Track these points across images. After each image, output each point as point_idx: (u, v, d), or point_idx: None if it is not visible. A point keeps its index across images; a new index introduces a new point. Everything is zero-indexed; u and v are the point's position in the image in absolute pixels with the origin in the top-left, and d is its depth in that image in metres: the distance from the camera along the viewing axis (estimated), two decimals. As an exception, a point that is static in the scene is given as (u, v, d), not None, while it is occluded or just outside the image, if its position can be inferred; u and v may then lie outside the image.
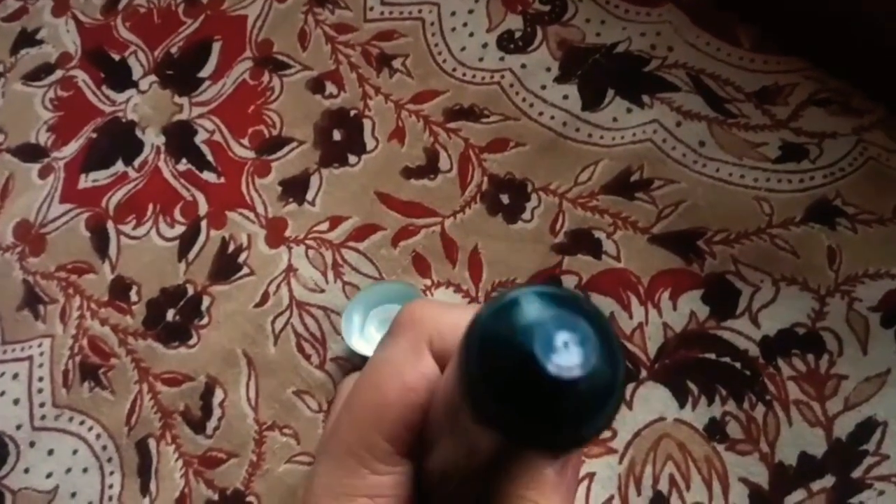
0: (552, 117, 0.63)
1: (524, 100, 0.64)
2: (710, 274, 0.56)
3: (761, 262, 0.56)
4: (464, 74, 0.66)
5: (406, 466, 0.25)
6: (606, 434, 0.53)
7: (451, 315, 0.26)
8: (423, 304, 0.28)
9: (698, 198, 0.58)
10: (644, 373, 0.55)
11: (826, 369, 0.52)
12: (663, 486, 0.52)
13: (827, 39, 0.59)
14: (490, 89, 0.65)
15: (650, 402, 0.54)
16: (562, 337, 0.15)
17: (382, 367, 0.26)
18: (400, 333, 0.27)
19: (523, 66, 0.65)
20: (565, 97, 0.63)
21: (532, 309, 0.15)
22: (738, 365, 0.54)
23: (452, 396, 0.20)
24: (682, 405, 0.53)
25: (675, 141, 0.60)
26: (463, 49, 0.67)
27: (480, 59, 0.66)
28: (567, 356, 0.15)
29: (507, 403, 0.15)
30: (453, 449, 0.23)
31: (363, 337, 0.58)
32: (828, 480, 0.50)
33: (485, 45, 0.67)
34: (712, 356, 0.54)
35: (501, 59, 0.66)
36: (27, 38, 0.77)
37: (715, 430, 0.52)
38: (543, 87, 0.64)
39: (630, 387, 0.54)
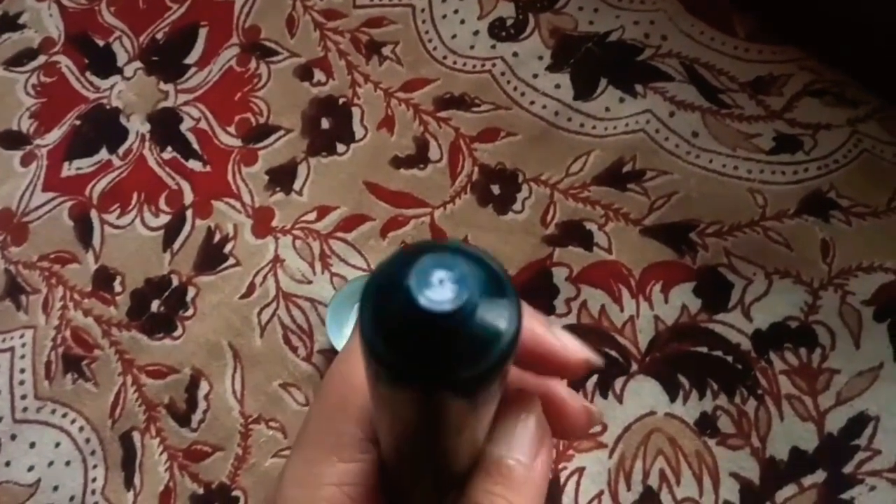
0: (544, 107, 0.62)
1: (516, 89, 0.63)
2: (702, 266, 0.56)
3: (754, 255, 0.55)
4: (454, 62, 0.65)
5: (374, 454, 0.25)
6: (596, 428, 0.53)
7: None
8: None
9: (691, 189, 0.58)
10: (635, 366, 0.54)
11: (818, 363, 0.52)
12: (653, 480, 0.51)
13: (822, 30, 0.58)
14: (481, 78, 0.64)
15: (641, 396, 0.53)
16: (438, 275, 0.16)
17: (349, 356, 0.26)
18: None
19: (515, 54, 0.64)
20: (557, 86, 0.62)
21: (414, 256, 0.16)
22: (729, 359, 0.53)
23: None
24: (672, 399, 0.53)
25: (668, 131, 0.59)
26: (454, 37, 0.66)
27: (471, 47, 0.65)
28: (440, 291, 0.16)
29: (393, 343, 0.16)
30: (386, 426, 0.23)
31: (349, 328, 0.57)
32: (819, 475, 0.50)
33: (476, 33, 0.66)
34: (704, 350, 0.54)
35: (493, 47, 0.65)
36: (9, 23, 0.76)
37: (706, 425, 0.52)
38: (535, 76, 0.63)
39: (620, 380, 0.54)
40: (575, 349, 0.25)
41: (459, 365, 0.16)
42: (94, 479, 0.58)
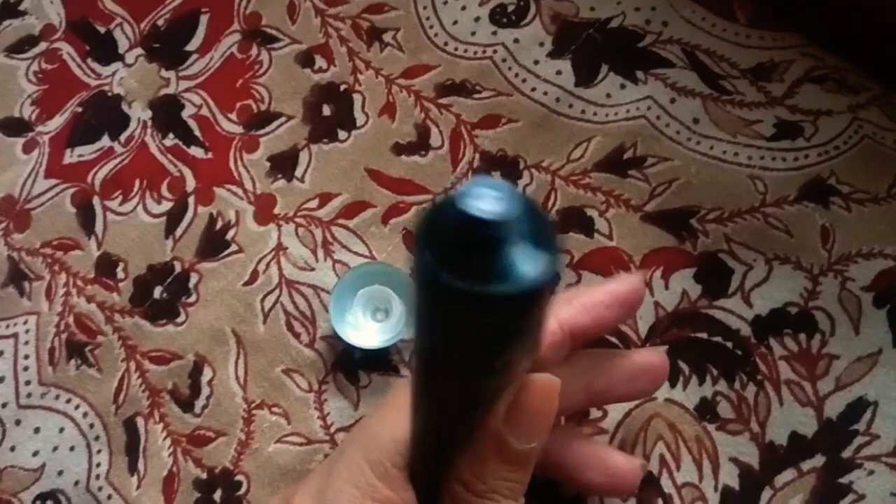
0: (545, 93, 0.62)
1: (517, 75, 0.63)
2: (702, 252, 0.56)
3: (754, 241, 0.55)
4: (456, 49, 0.65)
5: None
6: (597, 413, 0.53)
7: None
8: None
9: (692, 176, 0.58)
10: (635, 352, 0.54)
11: (818, 349, 0.52)
12: (653, 466, 0.52)
13: (824, 15, 0.58)
14: (482, 64, 0.64)
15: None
16: (487, 192, 0.17)
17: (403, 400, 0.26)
18: None
19: (516, 40, 0.64)
20: (558, 73, 0.62)
21: (466, 186, 0.17)
22: (729, 344, 0.53)
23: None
24: (672, 385, 0.53)
25: (668, 118, 0.59)
26: (455, 23, 0.66)
27: (473, 34, 0.65)
28: (490, 203, 0.16)
29: (450, 256, 0.17)
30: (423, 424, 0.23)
31: (352, 314, 0.57)
32: (818, 460, 0.50)
33: (477, 19, 0.66)
34: (704, 335, 0.54)
35: (494, 33, 0.65)
36: (9, 10, 0.76)
37: (706, 410, 0.52)
38: (536, 63, 0.63)
39: (621, 366, 0.54)
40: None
41: (517, 274, 0.17)
42: (98, 464, 0.59)
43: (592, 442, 0.29)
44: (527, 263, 0.17)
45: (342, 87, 0.66)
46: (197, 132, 0.67)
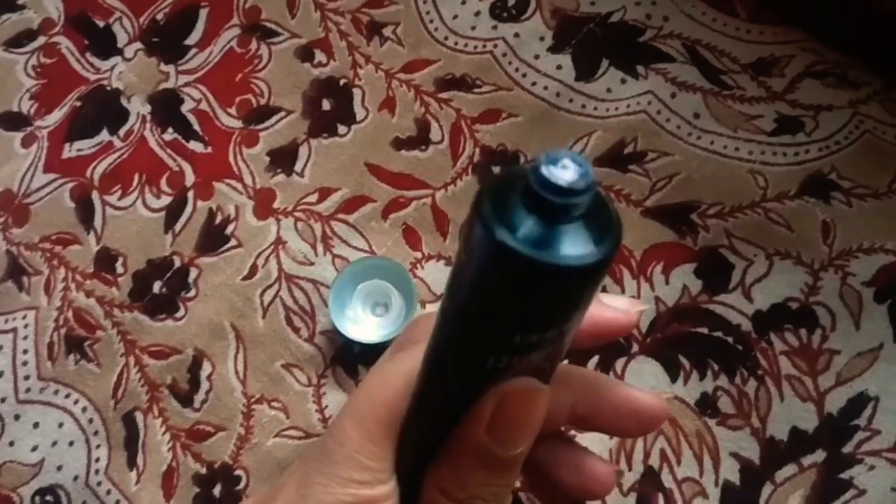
0: (545, 88, 0.62)
1: (517, 70, 0.63)
2: (703, 247, 0.56)
3: (755, 236, 0.55)
4: (456, 43, 0.65)
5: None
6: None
7: None
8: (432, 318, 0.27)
9: (692, 170, 0.58)
10: (636, 347, 0.54)
11: (818, 344, 0.52)
12: (654, 460, 0.52)
13: (824, 11, 0.58)
14: (483, 59, 0.64)
15: (642, 377, 0.53)
16: (569, 162, 0.17)
17: (392, 379, 0.25)
18: (410, 348, 0.26)
19: (516, 35, 0.64)
20: (559, 67, 0.62)
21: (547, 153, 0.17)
22: (730, 339, 0.53)
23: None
24: (673, 380, 0.53)
25: (669, 112, 0.59)
26: (455, 17, 0.66)
27: (473, 28, 0.65)
28: (571, 173, 0.17)
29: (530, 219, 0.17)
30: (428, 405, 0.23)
31: (351, 309, 0.57)
32: (819, 455, 0.50)
33: (477, 14, 0.65)
34: (704, 330, 0.54)
35: (494, 27, 0.65)
36: (8, 4, 0.76)
37: (706, 405, 0.52)
38: (537, 57, 0.63)
39: (621, 361, 0.54)
40: (629, 307, 0.26)
41: (577, 250, 0.17)
42: (97, 459, 0.59)
43: (569, 444, 0.28)
44: (588, 240, 0.17)
45: (342, 82, 0.66)
46: (196, 126, 0.67)
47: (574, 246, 0.17)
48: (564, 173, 0.17)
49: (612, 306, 0.26)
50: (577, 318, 0.20)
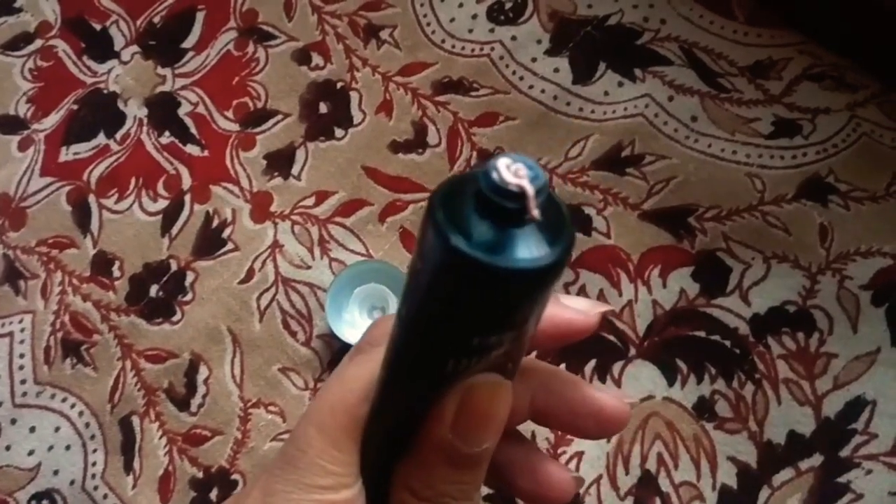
0: (542, 91, 0.62)
1: (514, 73, 0.63)
2: (700, 251, 0.56)
3: (752, 240, 0.55)
4: (453, 46, 0.65)
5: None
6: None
7: None
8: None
9: (690, 174, 0.57)
10: (633, 350, 0.54)
11: (816, 348, 0.52)
12: (651, 464, 0.52)
13: (823, 13, 0.58)
14: (480, 62, 0.64)
15: (639, 381, 0.53)
16: (516, 165, 0.17)
17: (353, 384, 0.25)
18: (371, 351, 0.26)
19: (513, 38, 0.64)
20: (556, 70, 0.62)
21: (495, 157, 0.17)
22: (727, 343, 0.53)
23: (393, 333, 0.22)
24: (670, 383, 0.53)
25: (666, 116, 0.59)
26: (452, 20, 0.66)
27: (470, 31, 0.65)
28: (519, 174, 0.17)
29: (480, 225, 0.17)
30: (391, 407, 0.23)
31: (348, 312, 0.57)
32: (816, 459, 0.50)
33: (474, 17, 0.65)
34: (702, 334, 0.54)
35: (491, 30, 0.65)
36: (5, 6, 0.75)
37: (704, 409, 0.52)
38: (534, 60, 0.63)
39: (618, 365, 0.54)
40: (589, 308, 0.25)
41: (530, 252, 0.17)
42: (94, 464, 0.59)
43: (526, 446, 0.28)
44: (541, 243, 0.17)
45: (339, 85, 0.65)
46: (193, 130, 0.67)
47: (528, 249, 0.17)
48: (515, 177, 0.17)
49: (572, 307, 0.26)
50: (535, 318, 0.20)
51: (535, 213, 0.17)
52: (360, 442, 0.25)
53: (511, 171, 0.17)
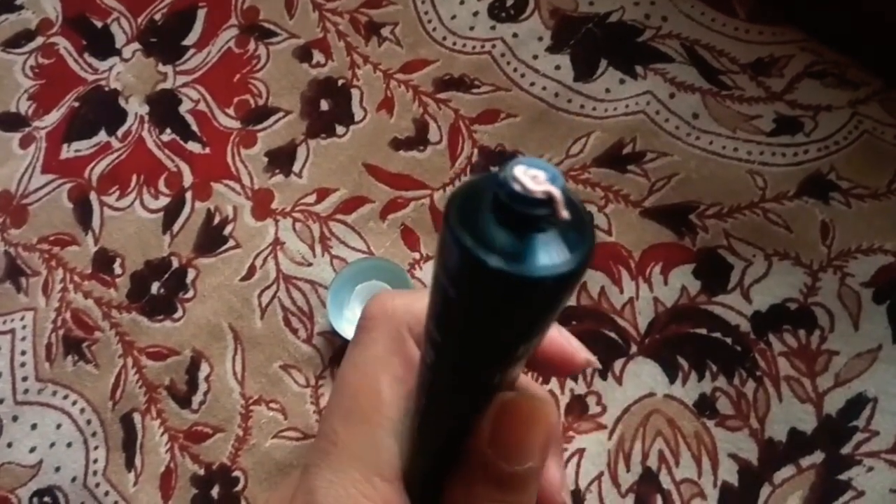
0: (544, 88, 0.62)
1: (515, 70, 0.63)
2: (701, 248, 0.55)
3: (754, 237, 0.55)
4: (454, 43, 0.65)
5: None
6: (595, 409, 0.53)
7: (423, 301, 0.26)
8: (393, 294, 0.26)
9: (691, 171, 0.57)
10: (634, 348, 0.54)
11: (817, 345, 0.52)
12: (652, 462, 0.52)
13: (824, 10, 0.58)
14: (481, 59, 0.64)
15: (640, 378, 0.53)
16: (534, 171, 0.16)
17: (367, 367, 0.25)
18: (374, 328, 0.26)
19: (515, 35, 0.64)
20: (557, 67, 0.62)
21: (512, 162, 0.17)
22: (728, 340, 0.53)
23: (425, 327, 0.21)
24: (672, 381, 0.53)
25: (668, 113, 0.59)
26: (453, 17, 0.65)
27: (471, 28, 0.65)
28: (537, 182, 0.16)
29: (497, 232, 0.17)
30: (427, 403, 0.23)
31: (349, 310, 0.57)
32: (817, 456, 0.50)
33: (476, 14, 0.65)
34: (703, 331, 0.54)
35: (493, 27, 0.65)
36: (6, 4, 0.75)
37: (705, 406, 0.52)
38: (535, 57, 0.63)
39: (620, 362, 0.54)
40: (581, 350, 0.25)
41: (544, 261, 0.17)
42: (95, 461, 0.59)
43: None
44: (569, 241, 0.17)
45: (340, 82, 0.65)
46: (194, 127, 0.67)
47: (561, 250, 0.17)
48: (538, 184, 0.16)
49: (571, 339, 0.26)
50: (529, 340, 0.20)
51: (565, 213, 0.17)
52: (406, 453, 0.25)
53: (531, 178, 0.16)
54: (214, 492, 0.56)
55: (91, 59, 0.72)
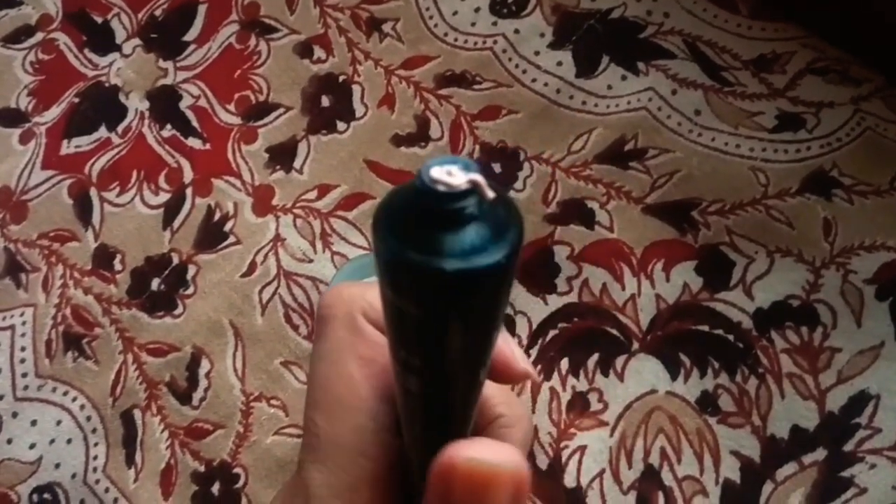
0: (545, 84, 0.61)
1: (517, 66, 0.62)
2: (703, 245, 0.55)
3: (756, 234, 0.55)
4: (456, 39, 0.64)
5: (393, 440, 0.25)
6: (598, 406, 0.53)
7: (375, 288, 0.26)
8: (346, 284, 0.27)
9: (693, 168, 0.57)
10: (636, 345, 0.54)
11: (819, 342, 0.52)
12: (654, 459, 0.51)
13: (826, 7, 0.58)
14: (482, 55, 0.63)
15: (642, 375, 0.53)
16: (447, 167, 0.16)
17: (332, 355, 0.26)
18: (331, 317, 0.26)
19: (516, 31, 0.64)
20: (559, 63, 0.62)
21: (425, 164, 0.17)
22: (731, 337, 0.53)
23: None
24: (674, 377, 0.53)
25: (670, 109, 0.59)
26: (455, 13, 0.65)
27: (473, 24, 0.65)
28: (446, 176, 0.16)
29: (408, 236, 0.17)
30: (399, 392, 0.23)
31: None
32: (819, 453, 0.50)
33: (477, 10, 0.65)
34: (705, 328, 0.54)
35: (494, 23, 0.64)
36: (6, -1, 0.75)
37: (707, 403, 0.52)
38: (537, 54, 0.63)
39: (621, 359, 0.54)
40: (522, 360, 0.25)
41: (486, 247, 0.17)
42: (95, 457, 0.59)
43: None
44: (502, 220, 0.17)
45: (341, 78, 0.65)
46: (195, 123, 0.66)
47: (499, 230, 0.17)
48: (457, 178, 0.16)
49: (515, 353, 0.26)
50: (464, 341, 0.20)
51: (490, 193, 0.17)
52: (379, 425, 0.25)
53: (448, 174, 0.16)
54: (215, 488, 0.56)
55: (91, 55, 0.71)
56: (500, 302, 0.19)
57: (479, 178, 0.16)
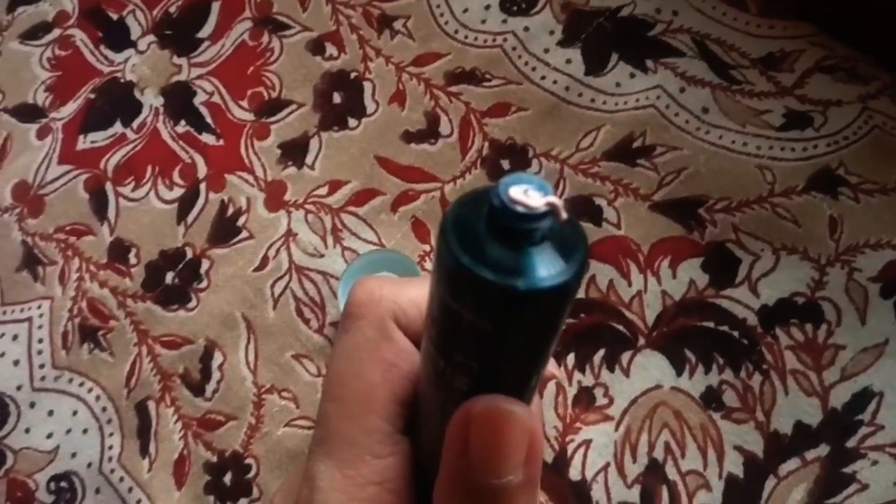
0: (555, 82, 0.62)
1: (527, 63, 0.63)
2: (710, 242, 0.56)
3: (762, 231, 0.55)
4: (466, 37, 0.65)
5: (405, 444, 0.25)
6: (603, 401, 0.54)
7: (409, 290, 0.26)
8: (379, 282, 0.26)
9: (700, 165, 0.58)
10: (642, 340, 0.55)
11: (824, 339, 0.52)
12: (658, 453, 0.52)
13: (834, 5, 0.58)
14: (492, 52, 0.64)
15: (647, 370, 0.54)
16: (523, 186, 0.17)
17: (356, 353, 0.25)
18: (361, 316, 0.26)
19: (526, 28, 0.64)
20: (568, 61, 0.62)
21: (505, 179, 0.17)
22: (736, 334, 0.54)
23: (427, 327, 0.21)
24: (679, 373, 0.53)
25: (678, 107, 0.59)
26: (465, 11, 0.66)
27: (483, 22, 0.65)
28: (530, 197, 0.17)
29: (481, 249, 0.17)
30: (437, 407, 0.23)
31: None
32: (822, 449, 0.50)
33: (487, 7, 0.66)
34: (711, 325, 0.54)
35: (504, 21, 0.65)
36: (24, -4, 0.76)
37: (711, 399, 0.53)
38: (546, 51, 0.63)
39: (627, 354, 0.55)
40: (550, 364, 0.26)
41: (536, 274, 0.17)
42: (110, 447, 0.60)
43: None
44: (569, 240, 0.18)
45: (353, 75, 0.66)
46: (208, 119, 0.67)
47: (565, 250, 0.18)
48: (535, 200, 0.17)
49: None
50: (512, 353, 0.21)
51: (565, 214, 0.17)
52: (394, 430, 0.25)
53: (525, 194, 0.17)
54: (227, 479, 0.57)
55: (107, 51, 0.72)
56: (563, 317, 0.19)
57: (556, 200, 0.17)
